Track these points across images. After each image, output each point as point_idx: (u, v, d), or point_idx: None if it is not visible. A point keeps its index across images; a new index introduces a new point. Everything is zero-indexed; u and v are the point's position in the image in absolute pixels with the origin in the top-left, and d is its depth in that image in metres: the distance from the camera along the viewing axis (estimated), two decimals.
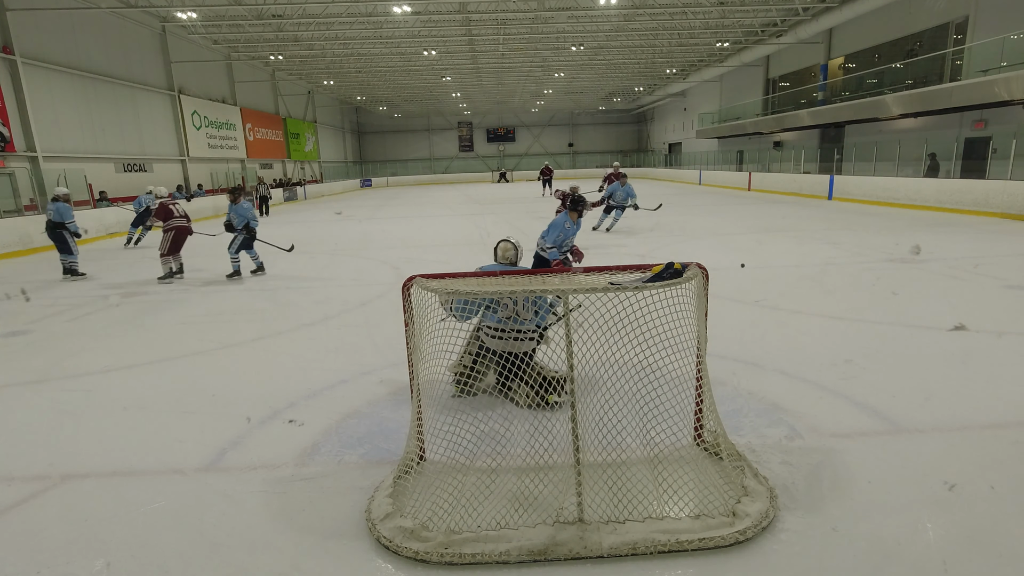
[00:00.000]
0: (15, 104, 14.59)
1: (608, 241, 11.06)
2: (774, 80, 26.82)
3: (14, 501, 2.85)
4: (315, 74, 30.90)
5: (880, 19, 18.92)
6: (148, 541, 2.50)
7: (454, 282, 2.82)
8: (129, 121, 19.18)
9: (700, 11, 20.61)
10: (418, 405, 2.86)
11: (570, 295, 2.57)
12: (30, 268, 10.31)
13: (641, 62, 29.43)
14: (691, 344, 2.73)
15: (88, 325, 6.25)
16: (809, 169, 22.26)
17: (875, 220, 13.01)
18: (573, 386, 2.50)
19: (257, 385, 4.30)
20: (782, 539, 2.37)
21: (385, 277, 8.20)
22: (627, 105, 44.82)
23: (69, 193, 9.18)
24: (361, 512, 2.63)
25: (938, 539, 2.34)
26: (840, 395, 3.74)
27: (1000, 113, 14.83)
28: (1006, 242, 9.42)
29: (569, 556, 2.29)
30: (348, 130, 44.79)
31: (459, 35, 23.01)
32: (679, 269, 2.66)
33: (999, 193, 12.71)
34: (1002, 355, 4.37)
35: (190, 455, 3.25)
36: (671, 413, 2.77)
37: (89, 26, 17.26)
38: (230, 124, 25.83)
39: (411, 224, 15.31)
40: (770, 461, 2.95)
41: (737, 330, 5.17)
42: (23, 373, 4.73)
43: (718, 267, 7.79)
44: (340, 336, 5.51)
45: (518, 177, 42.80)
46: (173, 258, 8.46)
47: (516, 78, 33.05)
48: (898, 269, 7.55)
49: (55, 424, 3.74)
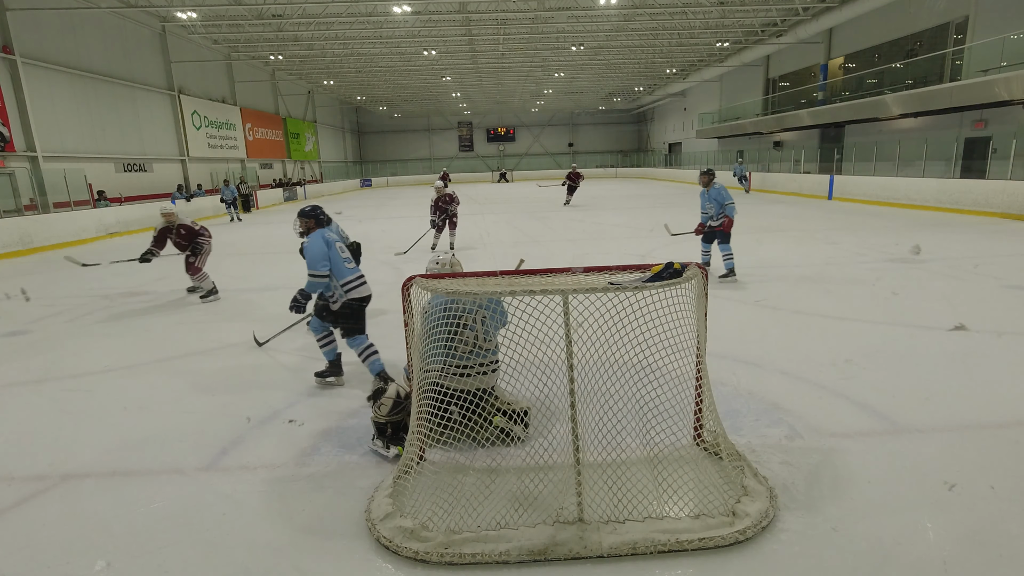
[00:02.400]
0: (15, 104, 14.59)
1: (608, 241, 11.06)
2: (774, 80, 26.82)
3: (14, 501, 2.85)
4: (315, 74, 30.90)
5: (880, 19, 18.91)
6: (148, 541, 2.50)
7: (454, 282, 2.82)
8: (129, 121, 19.18)
9: (700, 11, 20.61)
10: (418, 405, 2.86)
11: (569, 295, 2.57)
12: (30, 268, 10.31)
13: (641, 62, 29.42)
14: (691, 344, 2.73)
15: (88, 325, 6.24)
16: (809, 169, 22.26)
17: (875, 220, 13.01)
18: (573, 386, 2.50)
19: (257, 385, 4.30)
20: (782, 539, 2.37)
21: (385, 277, 8.20)
22: (627, 105, 44.83)
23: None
24: (361, 512, 2.62)
25: (938, 539, 2.33)
26: (840, 395, 3.74)
27: (1000, 113, 14.83)
28: (1006, 242, 9.41)
29: (569, 556, 2.29)
30: (348, 130, 44.79)
31: (459, 35, 23.01)
32: (679, 269, 2.66)
33: (999, 193, 12.71)
34: (1002, 355, 4.37)
35: (190, 455, 3.25)
36: (671, 413, 2.77)
37: (89, 26, 17.26)
38: (230, 124, 25.82)
39: (411, 224, 15.28)
40: (770, 461, 2.95)
41: (737, 330, 5.17)
42: (23, 373, 4.73)
43: (718, 267, 7.78)
44: (340, 336, 5.50)
45: (518, 177, 42.81)
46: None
47: (516, 78, 33.04)
48: (898, 269, 7.55)
49: (55, 424, 3.74)
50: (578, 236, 11.99)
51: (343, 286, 4.10)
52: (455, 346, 3.12)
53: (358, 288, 4.15)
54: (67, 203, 14.98)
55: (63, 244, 13.08)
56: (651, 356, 2.64)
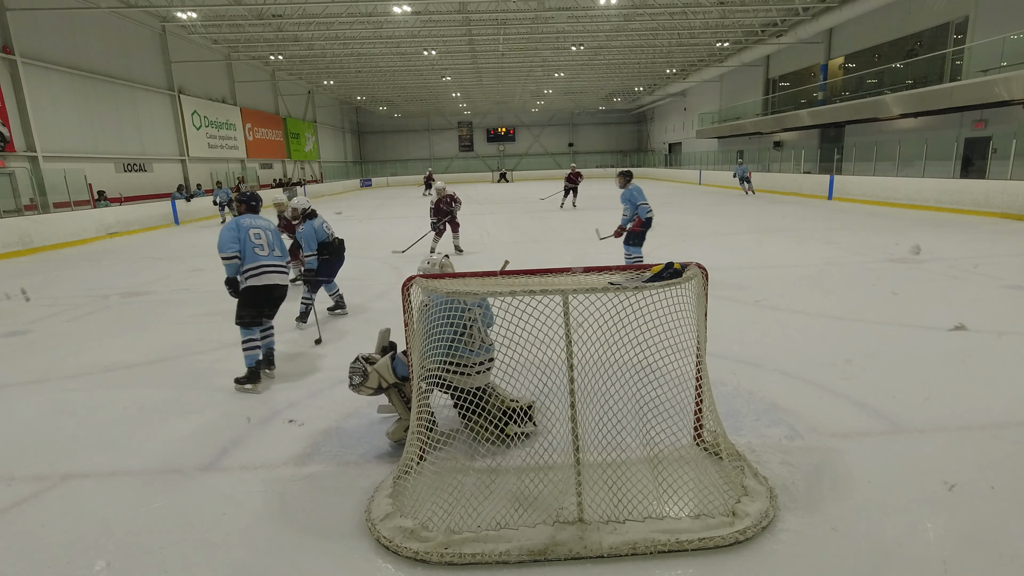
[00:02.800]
0: (15, 104, 14.59)
1: (608, 241, 11.06)
2: (774, 80, 26.82)
3: (14, 501, 2.85)
4: (315, 74, 30.90)
5: (880, 19, 18.91)
6: (148, 541, 2.50)
7: (454, 282, 2.82)
8: (129, 121, 19.18)
9: (700, 11, 20.60)
10: (418, 405, 2.86)
11: (569, 295, 2.56)
12: (30, 268, 10.31)
13: (641, 62, 29.42)
14: (691, 344, 2.73)
15: (88, 325, 6.24)
16: (809, 169, 22.26)
17: (875, 220, 13.01)
18: (573, 386, 2.50)
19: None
20: (782, 539, 2.37)
21: (385, 277, 8.21)
22: (627, 105, 44.83)
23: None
24: (361, 512, 2.62)
25: (938, 539, 2.33)
26: (840, 395, 3.74)
27: (1000, 113, 14.83)
28: (1006, 242, 9.41)
29: (569, 556, 2.29)
30: (348, 130, 44.79)
31: (459, 35, 23.01)
32: (679, 269, 2.66)
33: (999, 193, 12.71)
34: (1002, 355, 4.37)
35: (190, 455, 3.25)
36: (671, 413, 2.77)
37: (89, 26, 17.26)
38: (230, 124, 25.82)
39: (411, 224, 15.28)
40: (770, 461, 2.95)
41: (737, 330, 5.17)
42: (23, 373, 4.73)
43: (718, 267, 7.79)
44: (340, 336, 5.51)
45: (518, 177, 42.80)
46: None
47: (516, 78, 33.04)
48: (898, 269, 7.55)
49: (55, 424, 3.74)
50: (578, 236, 11.99)
51: (244, 272, 4.14)
52: (456, 345, 3.10)
53: (258, 276, 4.14)
54: (67, 203, 14.98)
55: (63, 244, 13.09)
56: (651, 356, 2.64)
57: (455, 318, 3.04)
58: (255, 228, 4.21)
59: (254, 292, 4.14)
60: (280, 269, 4.24)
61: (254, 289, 4.14)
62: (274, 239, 4.33)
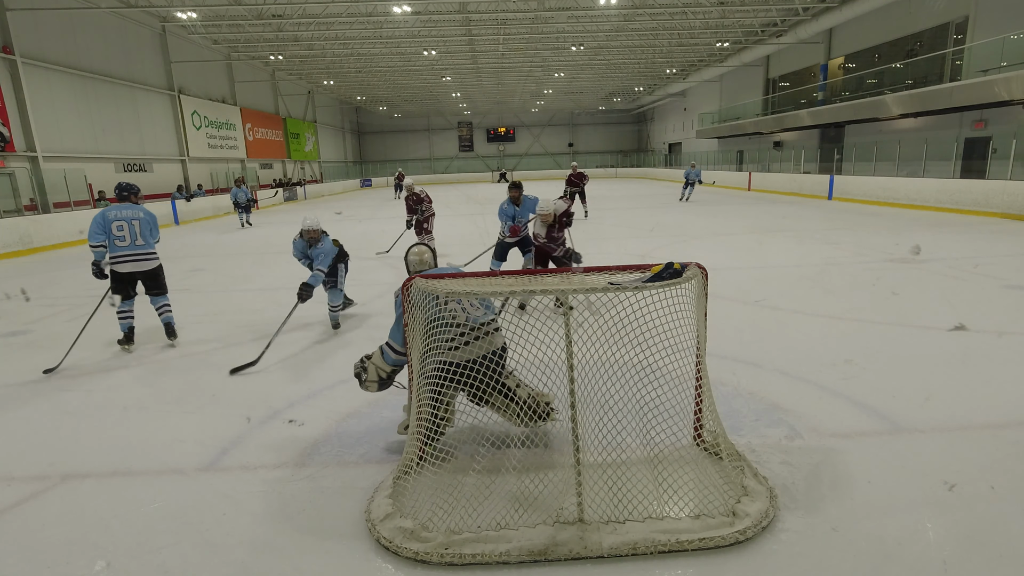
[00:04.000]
0: (15, 104, 14.60)
1: (608, 241, 11.07)
2: (774, 80, 26.82)
3: (14, 501, 2.85)
4: (315, 74, 30.90)
5: (880, 19, 18.92)
6: (148, 541, 2.50)
7: (454, 282, 2.82)
8: (129, 121, 19.18)
9: (700, 11, 20.61)
10: (417, 405, 2.86)
11: (569, 295, 2.56)
12: (30, 268, 10.31)
13: (641, 62, 29.42)
14: (691, 344, 2.73)
15: (88, 325, 6.23)
16: (809, 169, 22.26)
17: (875, 220, 13.01)
18: (573, 386, 2.50)
19: (257, 385, 4.30)
20: (782, 539, 2.37)
21: (385, 277, 8.21)
22: (627, 105, 44.83)
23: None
24: (361, 512, 2.62)
25: (938, 539, 2.33)
26: (840, 395, 3.74)
27: (1000, 113, 14.83)
28: (1006, 242, 9.42)
29: (569, 556, 2.29)
30: (348, 130, 44.79)
31: (459, 35, 23.01)
32: (679, 269, 2.66)
33: (999, 193, 12.71)
34: (1002, 355, 4.37)
35: (190, 455, 3.25)
36: (671, 413, 2.77)
37: (89, 26, 17.26)
38: (230, 124, 25.82)
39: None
40: (770, 461, 2.95)
41: (737, 330, 5.17)
42: (23, 373, 4.73)
43: (718, 267, 7.79)
44: (340, 336, 5.51)
45: (518, 177, 42.78)
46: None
47: (516, 78, 33.05)
48: (898, 269, 7.55)
49: (55, 424, 3.74)
50: (578, 236, 11.98)
51: (110, 258, 5.01)
52: (447, 324, 2.91)
53: (119, 264, 5.02)
54: (67, 203, 14.99)
55: (63, 244, 13.08)
56: (651, 356, 2.64)
57: (433, 315, 2.86)
58: (118, 220, 4.93)
59: (116, 276, 5.05)
60: (139, 257, 5.03)
61: (116, 274, 5.05)
62: (141, 228, 5.02)
